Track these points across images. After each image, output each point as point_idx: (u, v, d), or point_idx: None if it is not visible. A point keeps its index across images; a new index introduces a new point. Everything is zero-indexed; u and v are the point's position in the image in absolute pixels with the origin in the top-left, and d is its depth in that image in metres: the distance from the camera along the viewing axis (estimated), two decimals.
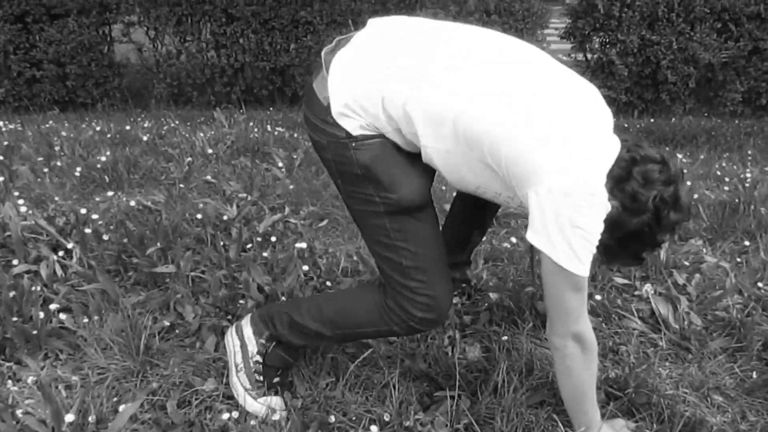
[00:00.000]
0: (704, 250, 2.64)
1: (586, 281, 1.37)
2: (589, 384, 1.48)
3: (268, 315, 1.62)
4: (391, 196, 1.41)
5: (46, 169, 3.36)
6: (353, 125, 1.37)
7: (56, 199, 2.91)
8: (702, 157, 5.41)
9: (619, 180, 1.34)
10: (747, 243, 2.73)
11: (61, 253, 2.26)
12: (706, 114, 7.79)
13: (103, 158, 3.42)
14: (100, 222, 2.54)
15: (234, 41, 7.60)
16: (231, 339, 1.63)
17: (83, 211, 2.65)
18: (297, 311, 1.58)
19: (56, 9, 7.40)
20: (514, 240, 2.56)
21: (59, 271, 2.14)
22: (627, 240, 1.39)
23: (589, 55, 7.77)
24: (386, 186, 1.41)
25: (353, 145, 1.38)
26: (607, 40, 7.57)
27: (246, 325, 1.63)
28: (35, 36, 7.46)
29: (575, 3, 7.66)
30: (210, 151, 3.77)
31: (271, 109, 7.76)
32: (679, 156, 5.18)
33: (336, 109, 1.36)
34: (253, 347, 1.61)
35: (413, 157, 1.43)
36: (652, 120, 7.45)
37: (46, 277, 2.10)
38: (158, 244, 2.28)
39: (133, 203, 2.81)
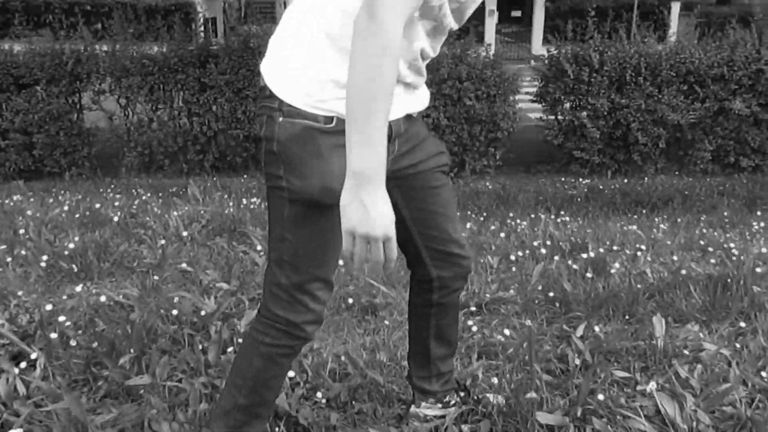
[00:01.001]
0: (702, 335, 2.56)
1: None
2: (369, 80, 1.21)
3: None
4: (296, 182, 1.37)
5: (9, 258, 3.19)
6: (279, 86, 1.38)
7: (19, 293, 2.74)
8: (679, 221, 5.44)
9: None
10: (743, 324, 2.67)
11: (23, 365, 2.09)
12: (677, 173, 7.90)
13: (72, 245, 3.26)
14: (68, 323, 2.38)
15: (207, 109, 7.55)
16: None
17: (49, 307, 2.48)
18: (215, 407, 1.61)
19: (25, 79, 7.30)
20: (507, 332, 2.45)
21: (21, 388, 1.96)
22: None
23: (560, 117, 7.87)
24: (295, 169, 1.37)
25: (280, 120, 1.36)
26: (578, 103, 7.70)
27: None
28: (1, 105, 7.32)
29: (545, 68, 7.80)
30: (185, 233, 3.63)
31: (245, 176, 7.68)
32: (658, 222, 5.19)
33: (264, 70, 1.41)
34: None
35: (335, 152, 1.33)
36: (625, 180, 7.53)
37: (5, 395, 1.92)
38: (131, 350, 2.12)
39: (103, 298, 2.64)
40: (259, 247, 3.44)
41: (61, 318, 2.38)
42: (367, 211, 1.20)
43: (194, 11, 18.11)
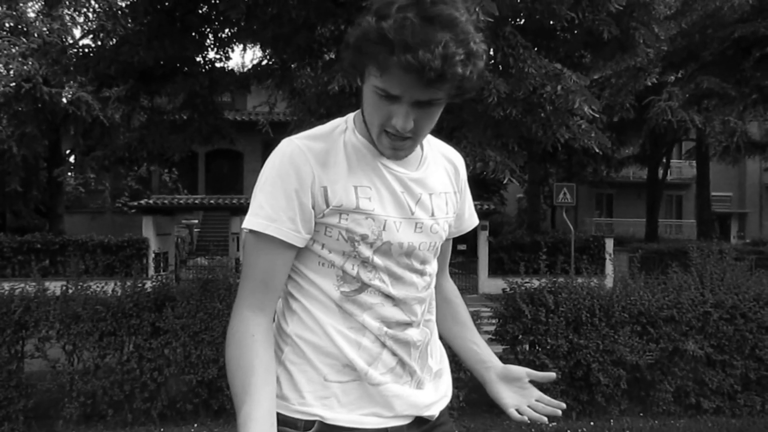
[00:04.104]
0: None
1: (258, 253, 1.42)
2: (232, 367, 1.40)
3: None
4: None
5: None
6: None
7: None
8: None
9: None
10: None
11: None
12: (641, 414, 7.77)
13: None
14: None
15: (159, 354, 7.23)
16: None
17: None
18: None
19: None
20: None
21: None
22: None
23: (521, 357, 7.84)
24: None
25: None
26: (537, 342, 7.74)
27: None
28: None
29: (502, 308, 7.94)
30: None
31: (195, 425, 7.15)
32: None
33: None
34: None
35: None
36: (592, 423, 7.34)
37: None
38: None
39: None
40: None
41: None
42: None
43: (147, 247, 18.33)
